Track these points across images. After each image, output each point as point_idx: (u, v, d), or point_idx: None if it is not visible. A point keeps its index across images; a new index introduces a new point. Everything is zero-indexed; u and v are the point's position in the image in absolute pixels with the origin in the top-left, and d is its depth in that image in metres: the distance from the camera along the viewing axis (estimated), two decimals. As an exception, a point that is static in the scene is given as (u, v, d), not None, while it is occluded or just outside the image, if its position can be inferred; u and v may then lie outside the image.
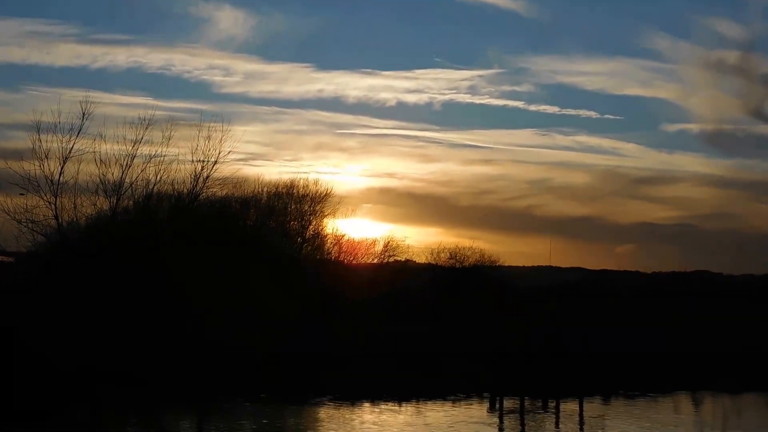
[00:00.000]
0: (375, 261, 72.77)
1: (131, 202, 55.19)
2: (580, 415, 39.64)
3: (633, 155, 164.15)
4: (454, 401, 41.79)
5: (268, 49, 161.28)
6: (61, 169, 52.32)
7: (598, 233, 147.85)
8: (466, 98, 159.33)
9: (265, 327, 49.87)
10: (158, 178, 54.30)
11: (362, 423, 35.61)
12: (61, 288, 47.62)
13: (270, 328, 49.95)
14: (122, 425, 35.25)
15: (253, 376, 44.31)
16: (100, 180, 53.23)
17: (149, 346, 44.45)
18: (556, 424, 37.12)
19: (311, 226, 68.91)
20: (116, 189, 53.76)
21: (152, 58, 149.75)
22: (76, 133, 52.27)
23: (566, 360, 51.54)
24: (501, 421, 37.21)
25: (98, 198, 53.61)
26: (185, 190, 55.90)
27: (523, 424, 36.93)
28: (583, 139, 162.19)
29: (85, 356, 42.26)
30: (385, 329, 53.31)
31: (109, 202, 53.99)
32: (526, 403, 43.02)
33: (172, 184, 55.58)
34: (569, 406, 42.62)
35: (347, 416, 37.40)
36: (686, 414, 41.70)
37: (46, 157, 51.92)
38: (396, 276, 70.22)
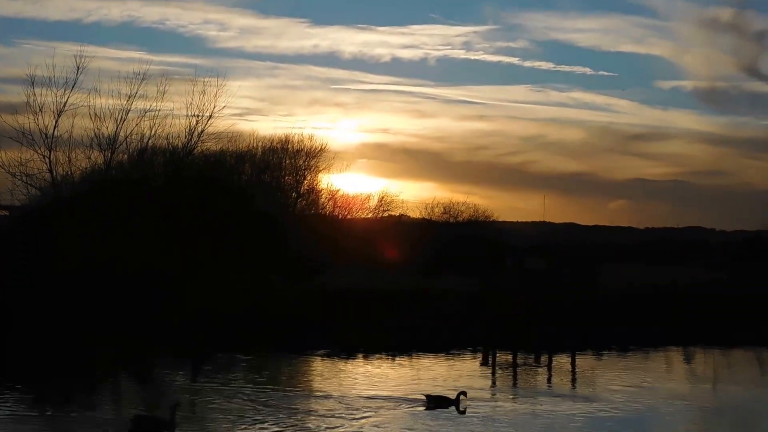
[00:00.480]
0: (369, 216, 73.12)
1: (126, 156, 55.19)
2: (572, 369, 40.04)
3: (627, 112, 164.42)
4: (447, 355, 42.10)
5: (264, 4, 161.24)
6: (56, 122, 52.23)
7: (591, 189, 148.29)
8: (461, 54, 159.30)
9: (257, 281, 50.15)
10: (153, 132, 54.25)
11: (356, 375, 35.97)
12: (56, 241, 47.71)
13: (261, 281, 50.21)
14: (116, 380, 35.57)
15: (245, 330, 44.52)
16: (95, 134, 53.15)
17: (142, 300, 44.65)
18: (548, 379, 37.51)
19: (306, 181, 69.25)
20: (111, 143, 53.69)
21: (147, 12, 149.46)
22: (71, 87, 52.11)
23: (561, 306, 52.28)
24: (493, 375, 37.54)
25: (93, 152, 53.57)
26: (180, 145, 55.87)
27: (515, 378, 37.26)
28: (577, 95, 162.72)
29: (78, 309, 42.53)
30: (378, 280, 53.57)
31: (104, 156, 53.94)
32: (518, 358, 43.44)
33: (167, 139, 55.55)
34: (562, 361, 43.04)
35: (342, 368, 37.76)
36: (677, 368, 42.08)
37: (41, 110, 51.82)
38: (389, 230, 70.61)
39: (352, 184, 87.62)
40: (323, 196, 70.73)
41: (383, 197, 73.51)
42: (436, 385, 32.56)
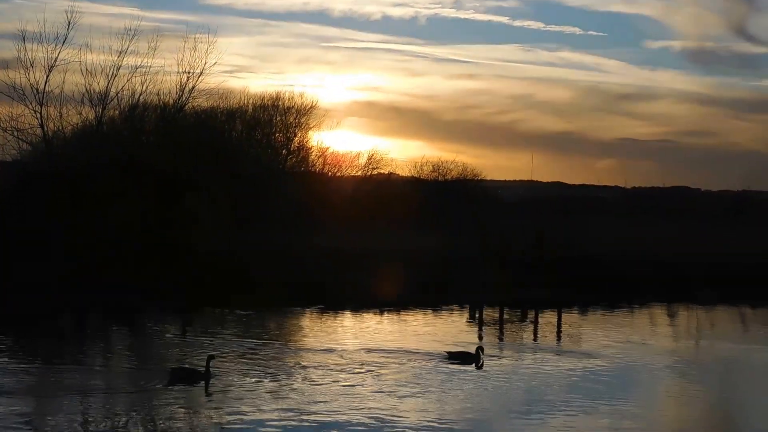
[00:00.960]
0: (359, 174, 73.39)
1: (117, 112, 55.35)
2: (558, 325, 40.65)
3: (615, 71, 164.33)
4: (434, 311, 42.64)
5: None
6: (47, 78, 52.26)
7: (579, 148, 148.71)
8: (451, 13, 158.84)
9: (248, 236, 50.54)
10: (144, 88, 54.30)
11: (346, 328, 36.54)
12: (46, 195, 47.98)
13: (253, 237, 50.62)
14: (107, 329, 36.04)
15: (234, 285, 45.02)
16: (86, 89, 53.24)
17: (132, 254, 45.02)
18: (534, 334, 38.10)
19: (296, 139, 69.27)
20: (102, 99, 53.80)
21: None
22: (62, 43, 52.06)
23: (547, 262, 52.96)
24: (480, 331, 38.08)
25: (84, 107, 53.72)
26: (171, 101, 56.04)
27: (501, 334, 37.81)
28: (566, 55, 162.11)
29: (68, 264, 42.95)
30: (367, 238, 53.97)
31: (95, 112, 54.07)
32: (505, 314, 44.06)
33: (158, 95, 55.66)
34: (547, 317, 43.67)
35: (334, 323, 38.30)
36: (661, 325, 42.70)
37: (32, 66, 51.81)
38: (379, 188, 71.04)
39: (342, 142, 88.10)
40: (313, 153, 70.99)
41: (372, 155, 73.79)
42: (426, 340, 33.15)
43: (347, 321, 39.31)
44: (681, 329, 41.80)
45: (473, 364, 28.44)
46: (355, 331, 35.82)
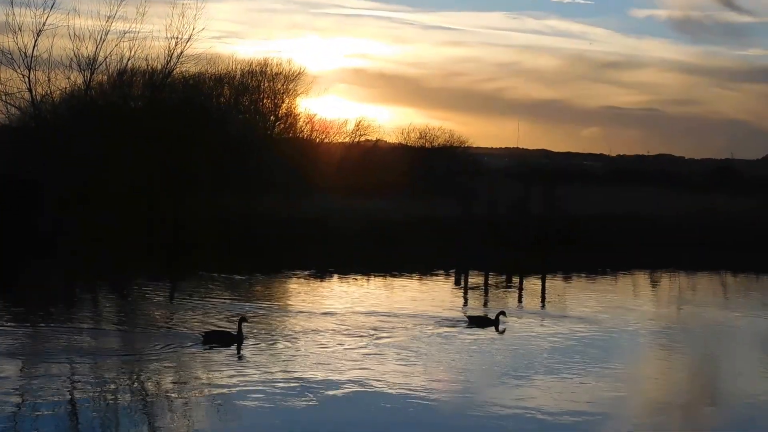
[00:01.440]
0: (346, 140, 73.73)
1: (105, 77, 55.57)
2: (543, 291, 41.18)
3: (601, 40, 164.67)
4: (420, 276, 43.12)
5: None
6: (35, 42, 52.38)
7: (564, 116, 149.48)
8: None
9: (235, 202, 50.87)
10: (132, 53, 54.45)
11: (338, 293, 36.99)
12: (33, 159, 48.23)
13: (240, 202, 50.96)
14: (93, 289, 36.42)
15: (222, 250, 45.41)
16: (74, 54, 53.41)
17: (118, 220, 45.35)
18: (519, 300, 38.62)
19: (284, 105, 69.55)
20: (90, 64, 53.94)
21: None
22: (50, 7, 52.22)
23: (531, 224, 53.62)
24: (465, 296, 38.60)
25: (72, 72, 53.88)
26: (159, 67, 56.20)
27: (486, 299, 38.27)
28: (553, 23, 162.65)
29: (56, 229, 43.33)
30: (355, 204, 54.33)
31: (83, 77, 54.26)
32: (490, 280, 44.57)
33: (146, 60, 55.84)
34: (532, 282, 44.25)
35: (322, 287, 38.73)
36: (644, 290, 43.25)
37: (20, 30, 51.95)
38: (366, 155, 71.42)
39: (330, 109, 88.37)
40: (301, 119, 71.29)
41: (360, 122, 74.15)
42: (411, 304, 33.67)
43: (336, 285, 39.75)
44: (664, 295, 42.32)
45: (493, 328, 28.97)
46: (349, 295, 36.21)
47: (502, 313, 29.76)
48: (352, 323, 28.92)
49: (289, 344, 25.48)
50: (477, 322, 29.50)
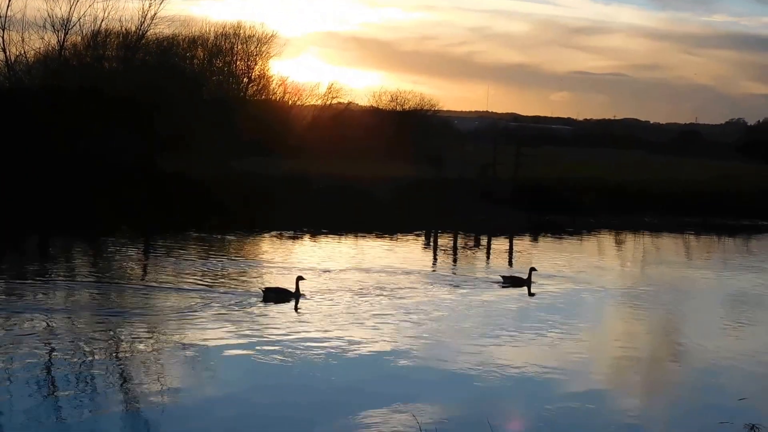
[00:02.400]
0: (318, 103, 74.14)
1: (79, 38, 55.85)
2: (510, 251, 41.96)
3: (571, 5, 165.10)
4: (390, 236, 43.82)
5: None
6: (8, 2, 52.67)
7: (534, 81, 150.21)
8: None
9: (209, 161, 51.19)
10: (106, 14, 54.86)
11: (304, 250, 37.49)
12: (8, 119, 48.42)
13: (213, 162, 51.29)
14: (70, 250, 36.84)
15: (196, 210, 45.64)
16: (48, 15, 53.72)
17: (93, 178, 45.71)
18: (487, 259, 39.43)
19: (257, 67, 69.87)
20: (64, 24, 54.30)
21: None
22: (23, -33, 52.50)
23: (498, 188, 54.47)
24: (435, 256, 39.25)
25: (46, 33, 54.18)
26: (133, 28, 56.56)
27: (455, 259, 38.95)
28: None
29: (31, 187, 43.65)
30: (326, 165, 54.63)
31: (57, 38, 54.62)
32: (459, 240, 45.32)
33: (120, 22, 56.21)
34: (500, 243, 45.07)
35: (290, 246, 39.24)
36: (610, 251, 43.96)
37: (-7, -11, 52.18)
38: (338, 117, 71.88)
39: (303, 72, 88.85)
40: (274, 82, 71.64)
41: (332, 85, 74.60)
42: (387, 263, 34.48)
43: (309, 244, 40.15)
44: (629, 255, 42.90)
45: (525, 287, 30.01)
46: (327, 254, 36.70)
47: (533, 269, 30.82)
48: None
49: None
50: (512, 281, 30.48)
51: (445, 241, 44.30)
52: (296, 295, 26.43)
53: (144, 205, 44.60)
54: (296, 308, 25.52)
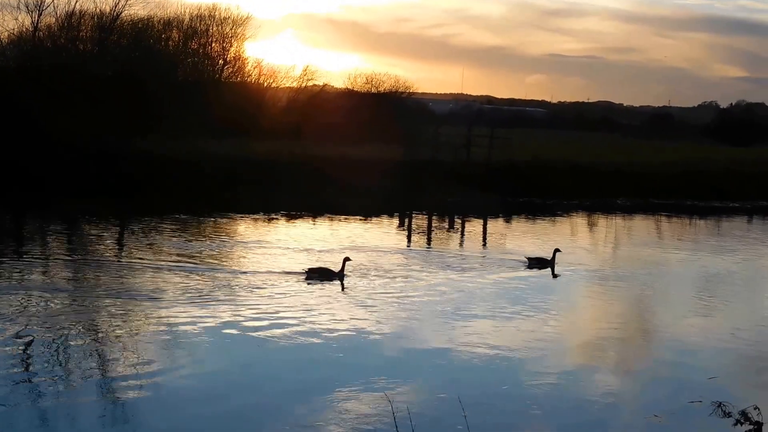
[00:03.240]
0: (294, 85, 74.10)
1: (53, 20, 55.63)
2: (484, 233, 42.17)
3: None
4: (365, 217, 43.93)
5: None
6: (-18, -17, 52.44)
7: (509, 63, 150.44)
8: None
9: (183, 143, 51.14)
10: (80, -5, 54.59)
11: (280, 232, 37.52)
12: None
13: (187, 144, 51.24)
14: (44, 231, 36.75)
15: (170, 191, 45.58)
16: (22, -5, 53.46)
17: (67, 158, 45.69)
18: (461, 241, 39.69)
19: (232, 49, 69.79)
20: (38, 5, 54.08)
21: None
22: (-3, -53, 52.26)
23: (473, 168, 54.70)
24: (409, 237, 39.19)
25: (20, 13, 53.94)
26: (107, 9, 56.33)
27: (429, 240, 39.16)
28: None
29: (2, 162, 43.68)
30: (301, 147, 54.65)
31: (31, 18, 54.39)
32: (434, 222, 45.50)
33: (94, 3, 56.00)
34: (473, 225, 45.27)
35: (266, 228, 39.28)
36: (582, 233, 44.23)
37: (-34, -31, 51.89)
38: (313, 99, 71.91)
39: (279, 54, 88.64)
40: (249, 64, 71.57)
41: (307, 67, 74.67)
42: (358, 244, 34.64)
43: (284, 225, 40.15)
44: (601, 236, 43.09)
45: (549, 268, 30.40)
46: (305, 235, 36.81)
47: (558, 250, 31.03)
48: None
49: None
50: (537, 263, 30.79)
51: (420, 222, 44.47)
52: (341, 275, 26.86)
53: (119, 185, 44.50)
54: (342, 288, 25.96)
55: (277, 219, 42.04)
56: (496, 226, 45.22)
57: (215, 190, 46.57)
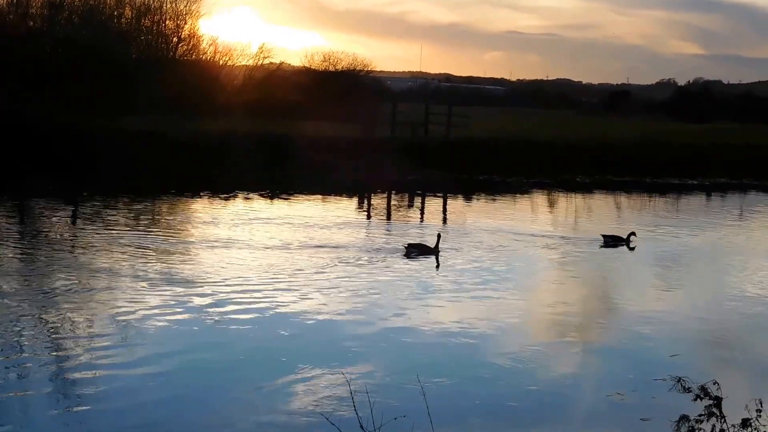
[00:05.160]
0: (250, 63, 73.46)
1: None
2: (444, 211, 41.92)
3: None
4: (323, 196, 43.51)
5: None
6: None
7: (467, 40, 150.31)
8: None
9: (135, 123, 50.60)
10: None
11: (238, 212, 37.08)
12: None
13: (141, 124, 50.70)
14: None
15: (124, 171, 45.08)
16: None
17: (15, 137, 44.87)
18: (420, 220, 39.26)
19: (187, 26, 68.91)
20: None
21: None
22: None
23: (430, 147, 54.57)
24: (368, 216, 38.96)
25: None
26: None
27: (389, 219, 38.82)
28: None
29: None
30: (257, 126, 54.23)
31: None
32: (393, 200, 45.21)
33: (45, -22, 54.97)
34: (433, 203, 45.01)
35: (224, 207, 38.78)
36: (542, 211, 44.09)
37: None
38: (269, 77, 71.33)
39: (234, 31, 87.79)
40: (204, 41, 70.77)
41: (263, 45, 73.95)
42: (319, 223, 34.22)
43: (242, 205, 39.69)
44: (560, 215, 43.01)
45: (625, 246, 31.42)
46: (264, 213, 36.31)
47: (633, 233, 32.21)
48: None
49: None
50: (612, 240, 31.86)
51: (379, 201, 44.24)
52: (436, 250, 27.85)
53: (69, 165, 43.87)
54: (437, 263, 26.91)
55: (233, 198, 41.52)
56: (455, 204, 44.97)
57: (168, 169, 45.98)
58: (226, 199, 41.24)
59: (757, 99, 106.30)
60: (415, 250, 27.80)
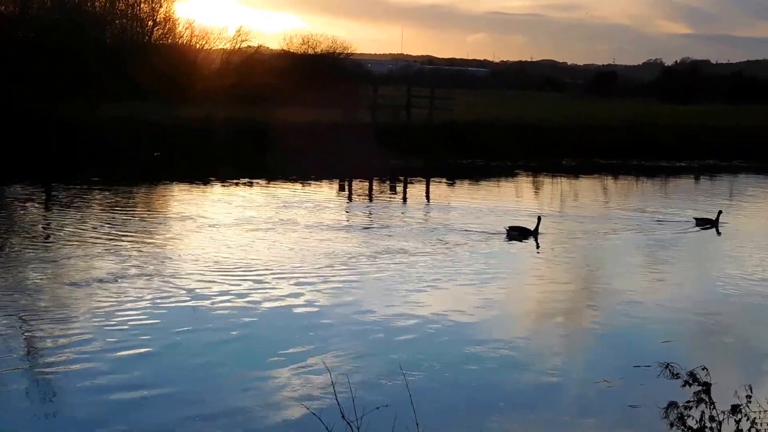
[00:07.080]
0: (227, 47, 72.52)
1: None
2: (427, 196, 41.28)
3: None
4: (302, 182, 42.67)
5: None
6: None
7: (449, 22, 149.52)
8: None
9: (110, 109, 49.95)
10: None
11: (219, 198, 36.39)
12: None
13: (116, 109, 50.05)
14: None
15: (98, 159, 44.44)
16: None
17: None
18: (404, 201, 38.62)
19: (162, 10, 67.81)
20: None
21: None
22: None
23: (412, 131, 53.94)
24: (350, 201, 38.42)
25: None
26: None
27: (370, 202, 38.16)
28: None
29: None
30: (236, 111, 53.68)
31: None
32: (376, 185, 44.45)
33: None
34: (416, 188, 44.27)
35: (203, 193, 38.07)
36: (527, 194, 43.54)
37: None
38: (247, 61, 70.43)
39: (211, 14, 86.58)
40: (180, 25, 69.67)
41: (241, 28, 72.98)
42: (305, 210, 33.32)
43: (220, 192, 39.01)
44: (546, 198, 42.60)
45: (713, 228, 32.05)
46: (244, 202, 35.57)
47: (720, 212, 32.82)
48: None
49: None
50: (702, 222, 32.53)
51: (358, 186, 43.51)
52: (535, 233, 28.46)
53: (43, 154, 43.18)
54: (537, 246, 27.66)
55: (211, 185, 40.84)
56: (439, 189, 44.26)
57: (146, 156, 45.27)
58: (203, 185, 40.56)
59: (746, 79, 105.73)
60: (516, 233, 28.42)
